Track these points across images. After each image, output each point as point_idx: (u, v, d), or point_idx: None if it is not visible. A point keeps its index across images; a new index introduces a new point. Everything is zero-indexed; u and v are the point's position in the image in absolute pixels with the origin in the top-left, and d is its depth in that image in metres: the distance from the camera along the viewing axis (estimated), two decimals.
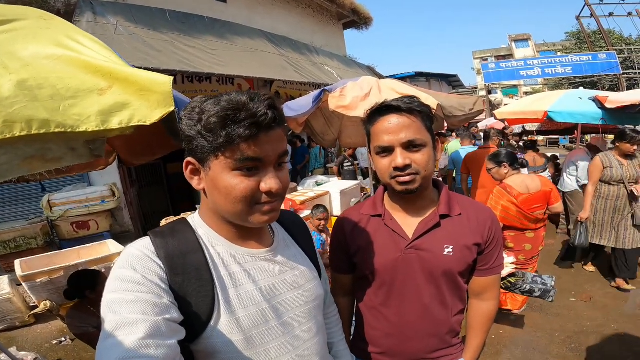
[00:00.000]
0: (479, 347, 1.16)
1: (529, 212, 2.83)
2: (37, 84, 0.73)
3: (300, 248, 0.94)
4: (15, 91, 0.70)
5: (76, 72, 0.81)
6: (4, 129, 0.66)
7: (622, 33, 18.41)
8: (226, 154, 0.67)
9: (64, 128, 0.71)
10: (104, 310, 0.61)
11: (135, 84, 0.81)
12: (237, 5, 7.76)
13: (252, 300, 0.75)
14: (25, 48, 0.81)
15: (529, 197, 2.82)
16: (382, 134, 0.98)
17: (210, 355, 0.71)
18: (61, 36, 0.90)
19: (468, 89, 26.44)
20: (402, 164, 0.95)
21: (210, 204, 0.77)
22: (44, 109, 0.70)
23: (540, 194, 2.84)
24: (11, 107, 0.68)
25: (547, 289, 2.26)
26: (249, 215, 0.72)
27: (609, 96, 4.33)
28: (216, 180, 0.70)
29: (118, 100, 0.79)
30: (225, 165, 0.68)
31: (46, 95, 0.72)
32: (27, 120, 0.68)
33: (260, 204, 0.72)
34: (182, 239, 0.74)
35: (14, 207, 5.37)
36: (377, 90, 3.12)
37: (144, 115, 0.80)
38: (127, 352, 0.54)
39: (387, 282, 1.09)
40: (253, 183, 0.70)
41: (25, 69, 0.75)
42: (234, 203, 0.70)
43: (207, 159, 0.69)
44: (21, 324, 3.66)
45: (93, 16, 4.73)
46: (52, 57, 0.82)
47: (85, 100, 0.77)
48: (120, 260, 0.68)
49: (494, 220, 1.09)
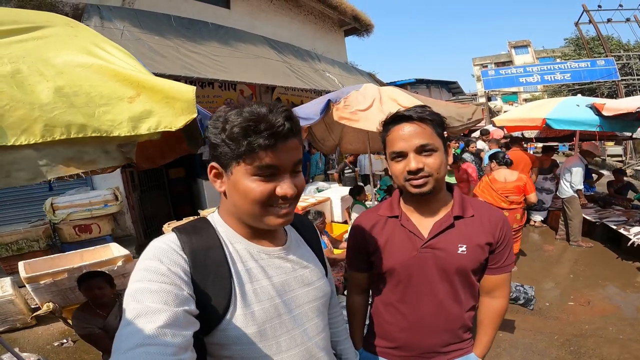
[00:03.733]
0: (489, 342, 1.22)
1: (502, 195, 4.04)
2: (72, 91, 0.79)
3: (310, 248, 0.99)
4: (54, 97, 0.76)
5: (107, 81, 0.87)
6: (45, 132, 0.72)
7: (620, 39, 18.52)
8: (247, 160, 0.72)
9: (99, 133, 0.76)
10: (127, 298, 0.64)
11: (161, 92, 0.87)
12: (240, 12, 7.86)
13: (267, 294, 0.80)
14: (57, 55, 0.87)
15: (504, 185, 4.05)
16: (396, 140, 1.07)
17: (223, 346, 0.75)
18: (89, 44, 0.96)
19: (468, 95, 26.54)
20: (415, 167, 1.03)
21: (229, 206, 0.82)
22: (81, 114, 0.76)
23: (512, 184, 4.00)
24: (51, 112, 0.74)
25: (529, 298, 2.58)
26: (263, 216, 0.78)
27: (606, 103, 4.40)
28: (237, 184, 0.76)
29: (146, 107, 0.84)
30: (245, 171, 0.74)
31: (82, 102, 0.78)
32: (67, 125, 0.74)
33: (276, 207, 0.77)
34: (204, 236, 0.80)
35: (16, 209, 5.39)
36: (379, 102, 3.19)
37: (170, 121, 0.86)
38: (146, 338, 0.57)
39: (403, 280, 1.15)
40: (270, 187, 0.75)
41: (60, 76, 0.81)
42: (251, 205, 0.76)
43: (229, 165, 0.75)
44: (23, 326, 3.67)
45: (100, 21, 4.81)
46: (83, 66, 0.87)
47: (117, 108, 0.83)
48: (147, 253, 0.72)
49: (505, 221, 1.16)
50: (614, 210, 5.47)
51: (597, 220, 5.17)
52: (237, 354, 0.76)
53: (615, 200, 5.79)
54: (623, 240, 4.51)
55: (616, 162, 13.21)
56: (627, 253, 4.49)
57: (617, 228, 4.69)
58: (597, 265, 4.44)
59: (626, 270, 4.26)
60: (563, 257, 4.85)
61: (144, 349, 0.56)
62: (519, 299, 2.55)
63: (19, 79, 0.79)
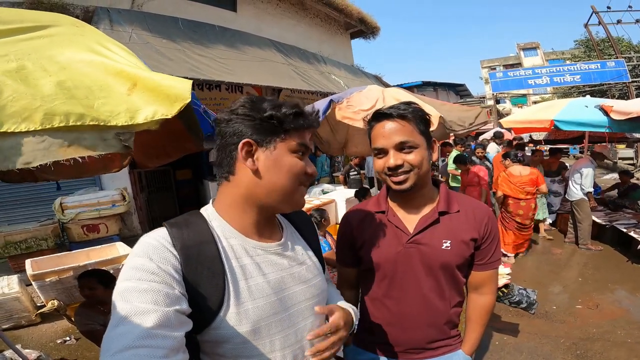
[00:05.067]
0: (477, 339, 1.22)
1: (519, 187, 4.66)
2: (73, 84, 0.83)
3: (307, 244, 0.98)
4: (55, 90, 0.79)
5: (107, 76, 0.91)
6: (44, 120, 0.76)
7: (630, 40, 18.23)
8: (292, 136, 0.81)
9: (98, 122, 0.80)
10: (116, 297, 0.62)
11: (157, 83, 0.91)
12: (247, 15, 7.93)
13: (262, 292, 0.78)
14: (61, 53, 0.92)
15: (520, 178, 4.69)
16: (377, 137, 1.11)
17: (217, 344, 0.74)
18: (93, 43, 1.01)
19: (476, 98, 26.41)
20: (393, 164, 1.06)
21: (245, 191, 0.81)
22: (80, 105, 0.79)
23: (527, 177, 4.67)
24: (52, 102, 0.77)
25: (531, 302, 2.62)
26: (294, 193, 0.83)
27: (614, 106, 4.34)
28: (280, 158, 0.80)
29: (142, 98, 0.88)
30: (287, 147, 0.80)
31: (82, 94, 0.82)
32: (66, 114, 0.78)
33: (302, 186, 0.84)
34: (196, 230, 0.77)
35: (26, 209, 5.50)
36: (382, 102, 3.19)
37: (166, 109, 0.90)
38: (135, 340, 0.56)
39: (388, 275, 1.16)
40: (304, 165, 0.83)
41: (63, 71, 0.85)
42: (292, 179, 0.81)
43: (272, 141, 0.80)
44: (27, 323, 3.72)
45: (110, 23, 4.90)
46: (85, 62, 0.92)
47: (115, 99, 0.87)
48: (137, 249, 0.70)
49: (490, 217, 1.16)
50: (624, 213, 5.37)
51: (607, 223, 5.09)
52: (230, 352, 0.75)
53: (629, 204, 5.67)
54: (633, 244, 4.44)
55: (627, 164, 13.00)
56: (637, 256, 4.41)
57: (627, 231, 4.61)
58: (607, 269, 4.38)
59: (636, 273, 4.19)
60: (572, 261, 4.79)
61: (133, 352, 0.55)
62: (522, 302, 2.55)
63: (24, 74, 0.82)
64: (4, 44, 0.91)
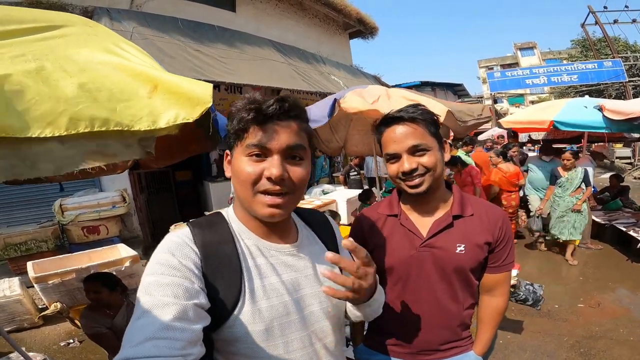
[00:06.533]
0: (489, 340, 1.22)
1: (509, 180, 5.27)
2: (95, 87, 0.81)
3: (325, 246, 0.96)
4: (78, 92, 0.78)
5: (126, 77, 0.90)
6: (70, 125, 0.74)
7: (627, 40, 18.31)
8: (240, 139, 0.76)
9: (122, 127, 0.79)
10: (140, 291, 0.65)
11: (178, 87, 0.90)
12: (246, 15, 7.91)
13: (275, 292, 0.78)
14: (78, 53, 0.90)
15: (509, 173, 5.29)
16: (389, 142, 1.09)
17: (230, 343, 0.75)
18: (109, 43, 0.99)
19: (474, 98, 26.45)
20: (408, 168, 1.05)
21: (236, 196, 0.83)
22: (104, 109, 0.78)
23: (513, 173, 5.29)
24: (76, 106, 0.76)
25: (537, 299, 2.57)
26: (251, 202, 0.77)
27: (606, 104, 4.36)
28: (233, 165, 0.79)
29: (164, 102, 0.87)
30: (240, 151, 0.76)
31: (104, 97, 0.80)
32: (91, 119, 0.76)
33: (263, 193, 0.75)
34: (217, 230, 0.80)
35: (26, 210, 5.46)
36: (386, 97, 3.18)
37: (187, 113, 0.89)
38: (155, 332, 0.58)
39: (402, 278, 1.15)
40: (258, 169, 0.74)
41: (83, 73, 0.83)
42: (242, 186, 0.76)
43: (232, 148, 0.79)
44: (30, 325, 3.70)
45: (110, 22, 4.86)
46: (104, 63, 0.90)
47: (137, 103, 0.85)
48: (161, 246, 0.73)
49: (504, 219, 1.15)
50: (624, 213, 5.41)
51: (607, 222, 5.12)
52: (243, 352, 0.75)
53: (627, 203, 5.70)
54: (633, 242, 4.47)
55: (625, 164, 13.07)
56: (637, 255, 4.44)
57: (626, 230, 4.64)
58: (607, 268, 4.40)
59: (636, 272, 4.22)
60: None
61: (153, 343, 0.57)
62: (528, 299, 2.54)
63: (44, 75, 0.81)
64: (20, 44, 0.90)
